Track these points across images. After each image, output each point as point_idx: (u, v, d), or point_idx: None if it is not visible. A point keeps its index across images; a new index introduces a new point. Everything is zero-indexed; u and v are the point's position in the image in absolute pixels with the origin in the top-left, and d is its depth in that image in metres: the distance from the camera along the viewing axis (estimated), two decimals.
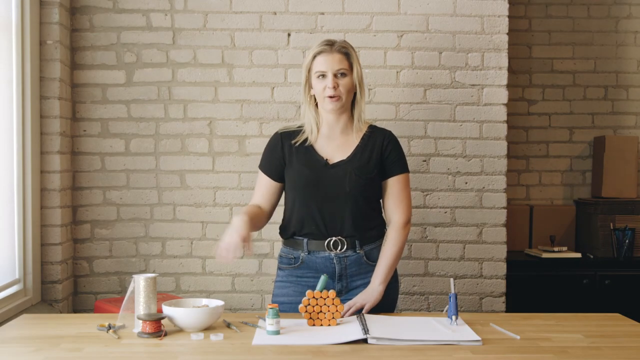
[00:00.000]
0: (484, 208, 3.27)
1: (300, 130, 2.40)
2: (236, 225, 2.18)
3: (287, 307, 2.34)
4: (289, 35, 3.20)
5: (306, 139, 2.38)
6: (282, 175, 2.40)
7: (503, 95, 3.26)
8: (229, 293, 3.24)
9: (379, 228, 2.42)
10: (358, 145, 2.38)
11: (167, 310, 2.02)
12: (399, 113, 3.25)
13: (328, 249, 2.34)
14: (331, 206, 2.32)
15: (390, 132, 2.45)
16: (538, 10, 4.18)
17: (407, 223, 2.41)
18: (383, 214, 2.44)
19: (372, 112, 3.23)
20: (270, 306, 1.99)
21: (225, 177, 3.22)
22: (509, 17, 3.32)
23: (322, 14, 3.22)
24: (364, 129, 2.41)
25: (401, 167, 2.41)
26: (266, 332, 1.98)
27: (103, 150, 3.22)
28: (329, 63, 2.30)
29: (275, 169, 2.40)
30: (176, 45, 3.22)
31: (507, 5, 3.24)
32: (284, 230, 2.43)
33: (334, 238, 2.34)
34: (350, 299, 2.27)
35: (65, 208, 3.09)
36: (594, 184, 4.10)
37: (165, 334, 1.98)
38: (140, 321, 1.98)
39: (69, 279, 3.15)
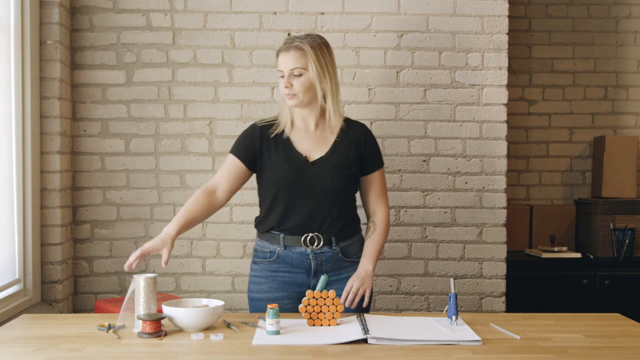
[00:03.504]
0: (484, 208, 3.27)
1: (275, 123, 2.41)
2: (156, 240, 2.16)
3: (263, 304, 2.33)
4: (289, 35, 3.20)
5: (282, 132, 2.38)
6: (252, 164, 2.38)
7: (503, 95, 3.26)
8: (229, 293, 3.24)
9: (355, 225, 2.45)
10: (335, 141, 2.38)
11: (167, 310, 2.02)
12: (399, 113, 3.25)
13: (305, 244, 2.34)
14: (311, 203, 2.33)
15: (366, 127, 2.47)
16: (538, 10, 4.18)
17: (389, 213, 2.47)
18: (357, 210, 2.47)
19: (372, 112, 3.23)
20: (270, 306, 1.99)
21: None
22: (509, 17, 3.32)
23: (322, 14, 3.22)
24: (340, 123, 2.40)
25: (379, 161, 2.46)
26: (266, 332, 1.98)
27: (103, 150, 3.22)
28: (284, 62, 2.32)
29: (248, 156, 2.38)
30: (176, 45, 3.22)
31: (507, 5, 3.24)
32: (260, 224, 2.42)
33: (310, 234, 2.34)
34: None
35: (65, 208, 3.09)
36: (594, 184, 4.10)
37: (165, 334, 1.98)
38: (140, 321, 1.99)
39: (69, 279, 3.15)
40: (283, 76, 2.33)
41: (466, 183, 3.27)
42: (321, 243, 2.35)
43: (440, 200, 3.27)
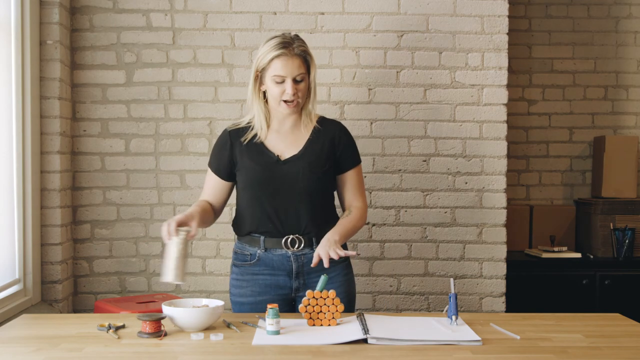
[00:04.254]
0: (484, 208, 3.27)
1: (249, 127, 2.37)
2: (184, 214, 2.19)
3: (246, 307, 2.33)
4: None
5: (255, 135, 2.35)
6: (231, 174, 2.38)
7: (503, 95, 3.26)
8: (229, 293, 3.23)
9: (334, 224, 2.36)
10: (309, 139, 2.36)
11: (167, 310, 2.02)
12: (399, 113, 3.25)
13: (285, 246, 2.33)
14: (286, 203, 2.30)
15: (340, 125, 2.44)
16: (538, 10, 4.18)
17: (367, 209, 2.43)
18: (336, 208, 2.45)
19: (372, 112, 3.23)
20: (270, 306, 1.99)
21: None
22: (509, 17, 3.32)
23: (322, 14, 3.22)
24: (314, 121, 2.38)
25: (355, 159, 2.42)
26: (266, 332, 1.98)
27: (103, 150, 3.22)
28: (288, 68, 2.25)
29: (224, 169, 2.38)
30: (176, 45, 3.22)
31: (507, 5, 3.24)
32: (238, 228, 2.41)
33: (291, 236, 2.32)
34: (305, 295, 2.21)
35: (65, 208, 3.09)
36: (594, 184, 4.11)
37: (165, 334, 1.98)
38: (141, 321, 1.98)
39: (69, 279, 3.15)
40: (281, 82, 2.26)
41: (466, 183, 3.27)
42: (302, 245, 2.33)
43: (440, 200, 3.27)
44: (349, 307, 2.39)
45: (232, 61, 3.22)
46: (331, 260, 2.21)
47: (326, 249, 2.19)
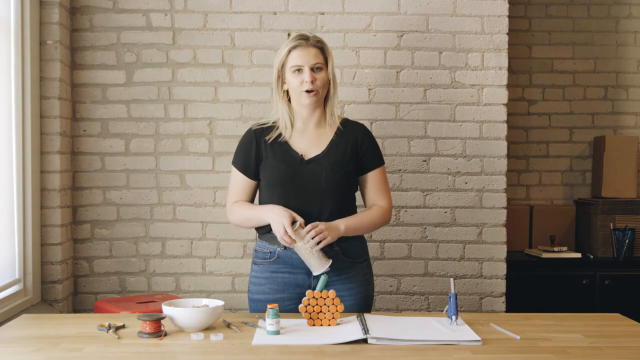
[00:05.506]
0: (484, 208, 3.27)
1: (274, 127, 2.41)
2: (284, 213, 2.24)
3: (264, 305, 2.33)
4: (289, 35, 3.20)
5: (280, 135, 2.38)
6: (257, 173, 2.41)
7: (503, 95, 3.26)
8: (229, 293, 3.24)
9: None
10: (332, 139, 2.39)
11: (167, 310, 2.02)
12: (399, 113, 3.25)
13: None
14: (308, 202, 2.32)
15: (364, 126, 2.47)
16: (538, 10, 4.18)
17: (391, 209, 2.45)
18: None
19: (372, 112, 3.23)
20: (270, 306, 1.99)
21: (225, 177, 3.22)
22: (509, 17, 3.32)
23: (322, 14, 3.22)
24: (338, 122, 2.41)
25: (378, 160, 2.45)
26: (266, 332, 1.98)
27: (103, 150, 3.22)
28: (305, 57, 2.32)
29: (251, 168, 2.40)
30: (176, 45, 3.22)
31: (507, 5, 3.24)
32: (260, 225, 2.42)
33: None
34: None
35: (65, 208, 3.09)
36: (594, 184, 4.10)
37: (165, 334, 1.98)
38: (141, 321, 1.98)
39: (69, 279, 3.15)
40: (299, 70, 2.32)
41: (466, 183, 3.27)
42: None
43: (440, 200, 3.27)
44: (366, 307, 2.39)
45: (232, 61, 3.22)
46: (348, 258, 2.34)
47: (322, 229, 2.22)
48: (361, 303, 2.35)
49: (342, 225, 2.30)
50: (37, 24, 2.96)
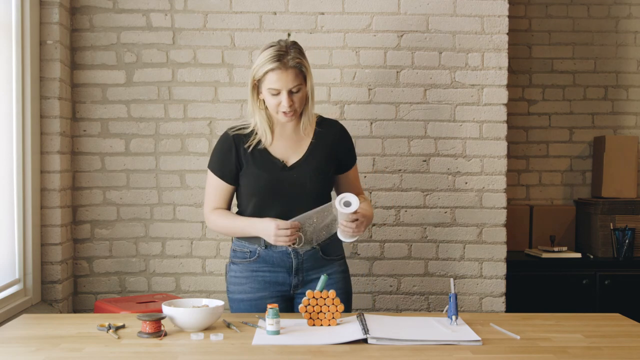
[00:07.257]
0: (484, 208, 3.27)
1: (252, 131, 2.38)
2: (276, 222, 2.25)
3: (246, 305, 2.34)
4: (289, 35, 3.20)
5: (259, 142, 2.36)
6: (236, 179, 2.39)
7: (503, 95, 3.26)
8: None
9: None
10: (312, 143, 2.39)
11: (167, 310, 2.02)
12: (399, 113, 3.25)
13: None
14: (291, 207, 2.31)
15: (339, 125, 2.48)
16: (538, 10, 4.18)
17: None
18: None
19: (372, 112, 3.23)
20: (270, 306, 1.99)
21: None
22: (509, 17, 3.31)
23: (322, 14, 3.22)
24: (314, 124, 2.41)
25: (354, 158, 2.50)
26: (266, 332, 1.98)
27: (103, 150, 3.22)
28: (283, 82, 2.25)
29: (229, 173, 2.38)
30: (176, 45, 3.22)
31: (507, 5, 3.24)
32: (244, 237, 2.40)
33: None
34: (304, 293, 2.21)
35: (65, 208, 3.09)
36: (594, 184, 4.11)
37: (165, 334, 1.98)
38: (141, 321, 1.98)
39: (69, 279, 3.15)
40: (277, 94, 2.26)
41: (466, 183, 3.27)
42: (302, 242, 2.33)
43: (440, 200, 3.27)
44: (347, 303, 2.42)
45: (232, 61, 3.22)
46: (327, 256, 2.38)
47: (359, 223, 2.23)
48: (342, 299, 2.34)
49: (370, 209, 2.36)
50: (37, 24, 2.96)
